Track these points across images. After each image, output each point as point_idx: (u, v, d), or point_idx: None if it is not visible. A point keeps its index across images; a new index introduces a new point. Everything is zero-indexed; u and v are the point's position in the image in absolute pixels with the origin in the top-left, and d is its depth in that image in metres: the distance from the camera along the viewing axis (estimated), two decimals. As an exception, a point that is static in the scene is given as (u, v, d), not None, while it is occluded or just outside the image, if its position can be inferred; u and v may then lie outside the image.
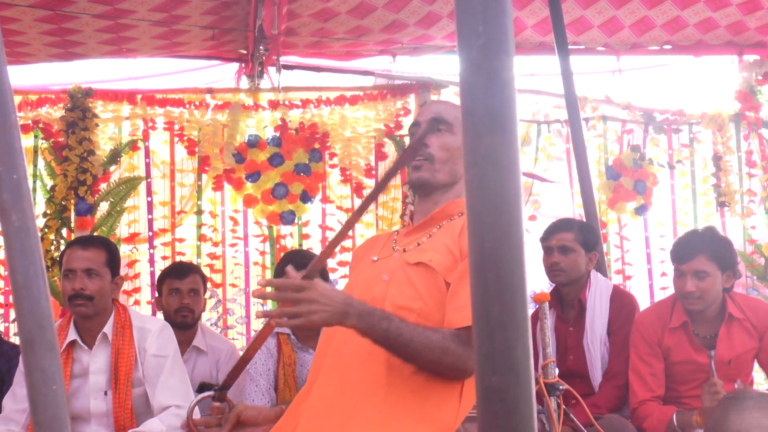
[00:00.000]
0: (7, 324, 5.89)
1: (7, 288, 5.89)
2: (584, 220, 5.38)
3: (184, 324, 4.98)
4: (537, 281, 5.44)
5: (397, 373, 2.78)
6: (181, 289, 5.16)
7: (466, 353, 2.69)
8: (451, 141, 3.01)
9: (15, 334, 5.52)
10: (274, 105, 6.16)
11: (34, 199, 5.83)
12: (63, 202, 5.90)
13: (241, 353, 3.84)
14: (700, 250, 4.19)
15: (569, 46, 5.55)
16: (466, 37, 1.51)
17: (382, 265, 2.98)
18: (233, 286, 6.13)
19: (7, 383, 4.67)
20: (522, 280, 1.49)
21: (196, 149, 6.08)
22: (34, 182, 5.96)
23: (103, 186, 5.98)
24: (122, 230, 6.00)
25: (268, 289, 2.77)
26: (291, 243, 6.04)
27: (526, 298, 1.52)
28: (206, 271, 5.80)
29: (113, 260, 4.26)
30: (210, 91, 6.17)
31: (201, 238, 6.09)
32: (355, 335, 2.69)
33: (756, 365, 4.55)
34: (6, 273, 4.54)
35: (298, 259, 4.76)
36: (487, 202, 1.50)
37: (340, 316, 2.55)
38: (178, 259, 5.85)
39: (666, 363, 4.35)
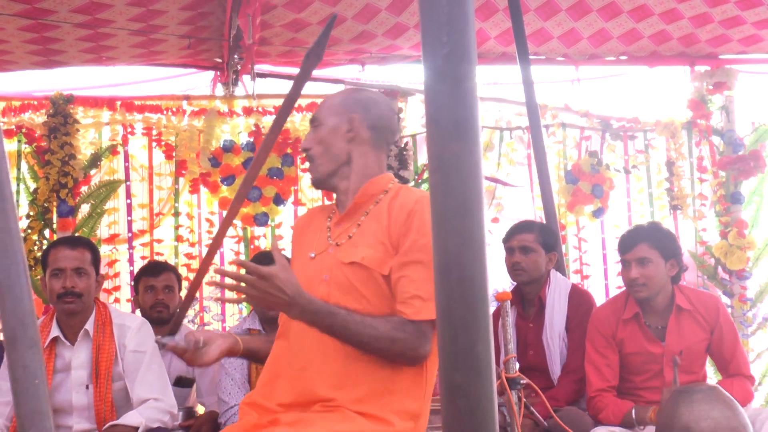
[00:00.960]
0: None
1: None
2: (544, 222, 5.44)
3: (159, 319, 4.96)
4: (499, 280, 5.49)
5: (355, 365, 2.83)
6: (156, 286, 5.21)
7: (416, 341, 2.73)
8: (322, 133, 3.03)
9: None
10: (248, 111, 6.22)
11: (18, 201, 5.89)
12: (45, 204, 5.95)
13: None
14: (642, 239, 4.29)
15: (530, 57, 5.58)
16: (431, 47, 1.54)
17: (319, 263, 2.97)
18: (209, 284, 5.94)
19: None
20: (483, 281, 1.51)
21: (174, 154, 6.11)
22: (18, 185, 5.98)
23: (84, 189, 6.01)
24: (102, 231, 6.06)
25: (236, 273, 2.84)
26: (264, 243, 6.11)
27: (488, 298, 1.53)
28: (183, 270, 5.91)
29: (96, 260, 4.32)
30: (187, 98, 6.20)
31: (178, 239, 6.14)
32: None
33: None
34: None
35: (266, 260, 4.58)
36: (451, 207, 1.51)
37: (286, 308, 2.63)
38: (156, 258, 5.91)
39: (620, 354, 4.40)
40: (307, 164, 3.17)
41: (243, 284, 2.59)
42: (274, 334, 3.16)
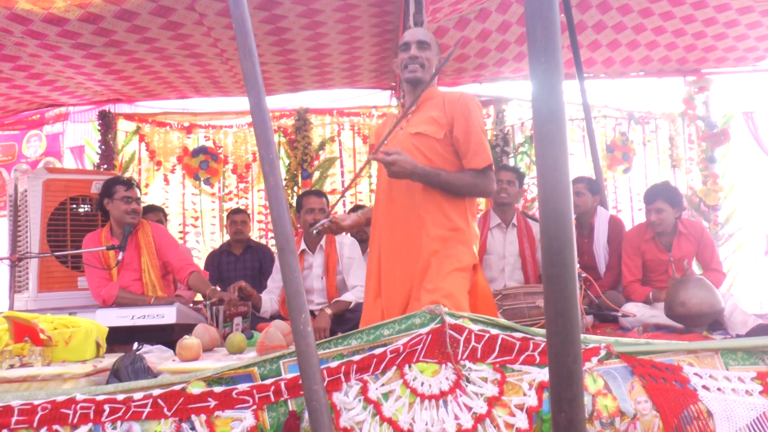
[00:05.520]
0: (265, 240, 6.59)
1: (268, 220, 6.21)
2: (593, 176, 5.46)
3: (361, 240, 4.88)
4: None
5: (431, 231, 2.74)
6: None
7: (487, 183, 2.75)
8: (430, 54, 2.91)
9: (273, 245, 6.06)
10: None
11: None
12: (294, 172, 6.42)
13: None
14: (659, 196, 4.31)
15: (584, 74, 5.67)
16: (535, 63, 1.48)
17: (393, 142, 2.90)
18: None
19: (267, 271, 5.17)
20: (570, 210, 1.48)
21: (367, 140, 6.62)
22: (279, 160, 6.12)
23: (315, 163, 6.48)
24: (327, 187, 6.53)
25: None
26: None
27: (572, 225, 1.49)
28: None
29: (327, 203, 4.45)
30: (375, 107, 6.64)
31: (371, 191, 6.44)
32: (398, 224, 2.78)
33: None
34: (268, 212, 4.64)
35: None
36: (549, 164, 1.46)
37: (408, 173, 2.60)
38: (358, 200, 6.43)
39: (643, 260, 4.41)
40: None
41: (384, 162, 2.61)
42: (361, 219, 3.08)
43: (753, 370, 2.14)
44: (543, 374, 2.03)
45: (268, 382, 2.05)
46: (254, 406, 2.01)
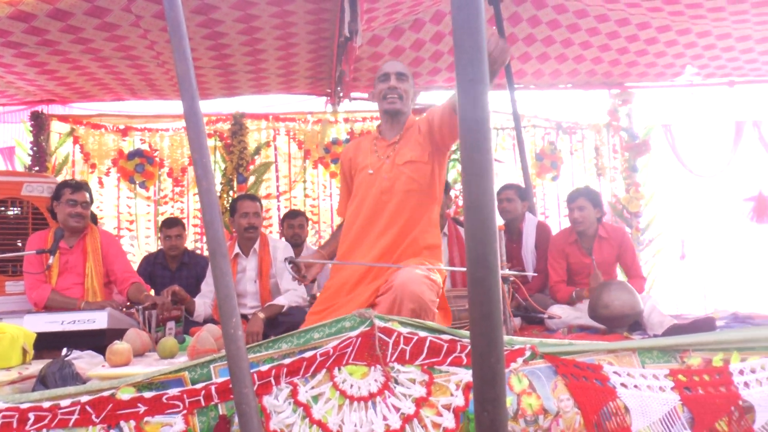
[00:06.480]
0: (201, 244, 6.42)
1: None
2: (522, 183, 5.74)
3: (295, 244, 5.10)
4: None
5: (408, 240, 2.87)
6: (293, 224, 5.37)
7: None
8: (407, 86, 3.00)
9: (206, 250, 6.01)
10: (346, 120, 6.63)
11: (214, 174, 6.04)
12: (230, 176, 6.37)
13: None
14: (581, 195, 4.47)
15: (515, 85, 5.98)
16: (462, 75, 1.49)
17: (377, 173, 2.96)
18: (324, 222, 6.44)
19: (201, 278, 4.90)
20: (493, 217, 1.49)
21: (302, 145, 6.58)
22: (214, 165, 6.32)
23: (251, 167, 6.42)
24: (262, 191, 6.48)
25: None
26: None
27: (496, 228, 1.51)
28: (309, 214, 6.33)
29: (261, 207, 4.51)
30: (311, 113, 6.61)
31: (306, 196, 6.53)
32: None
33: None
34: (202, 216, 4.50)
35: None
36: (475, 172, 1.48)
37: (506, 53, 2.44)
38: (293, 208, 6.29)
39: (567, 262, 4.54)
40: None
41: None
42: (329, 248, 3.15)
43: (666, 367, 2.23)
44: (470, 375, 2.05)
45: (198, 386, 2.03)
46: (184, 411, 1.97)
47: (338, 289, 2.95)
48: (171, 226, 5.39)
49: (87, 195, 4.06)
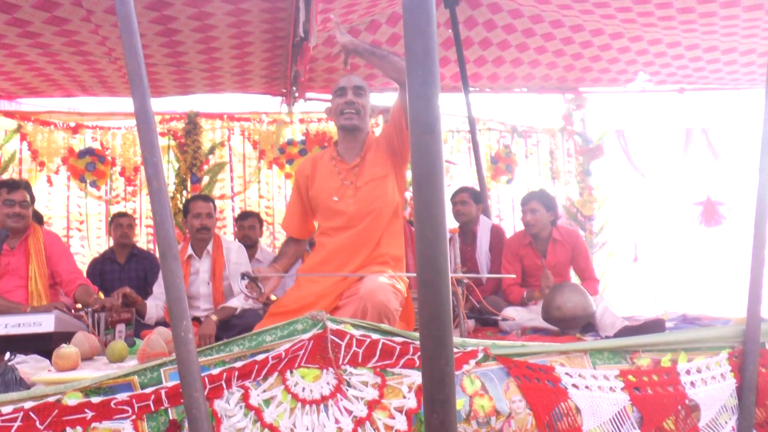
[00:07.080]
0: (153, 246, 6.30)
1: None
2: (477, 186, 5.74)
3: (248, 245, 4.97)
4: (450, 221, 5.38)
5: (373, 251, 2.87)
6: (244, 225, 5.30)
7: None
8: (365, 101, 2.90)
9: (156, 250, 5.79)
10: (301, 120, 6.59)
11: (167, 174, 6.13)
12: (183, 176, 6.26)
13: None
14: (534, 198, 4.47)
15: (470, 88, 5.94)
16: (413, 78, 1.49)
17: (342, 200, 2.89)
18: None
19: (152, 280, 4.86)
20: (443, 220, 1.50)
21: (257, 145, 6.52)
22: (167, 165, 6.22)
23: (205, 167, 6.39)
24: (216, 192, 6.39)
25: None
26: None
27: (446, 231, 1.51)
28: (263, 215, 6.24)
29: (215, 208, 4.45)
30: (266, 113, 6.55)
31: (260, 196, 6.52)
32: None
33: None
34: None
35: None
36: (425, 174, 1.48)
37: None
38: (247, 209, 6.26)
39: (521, 265, 4.53)
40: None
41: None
42: (280, 263, 3.09)
43: (617, 368, 2.29)
44: (422, 377, 2.20)
45: (148, 390, 2.00)
46: (133, 416, 1.94)
47: (301, 297, 2.90)
48: (123, 216, 5.45)
49: (26, 194, 3.91)
